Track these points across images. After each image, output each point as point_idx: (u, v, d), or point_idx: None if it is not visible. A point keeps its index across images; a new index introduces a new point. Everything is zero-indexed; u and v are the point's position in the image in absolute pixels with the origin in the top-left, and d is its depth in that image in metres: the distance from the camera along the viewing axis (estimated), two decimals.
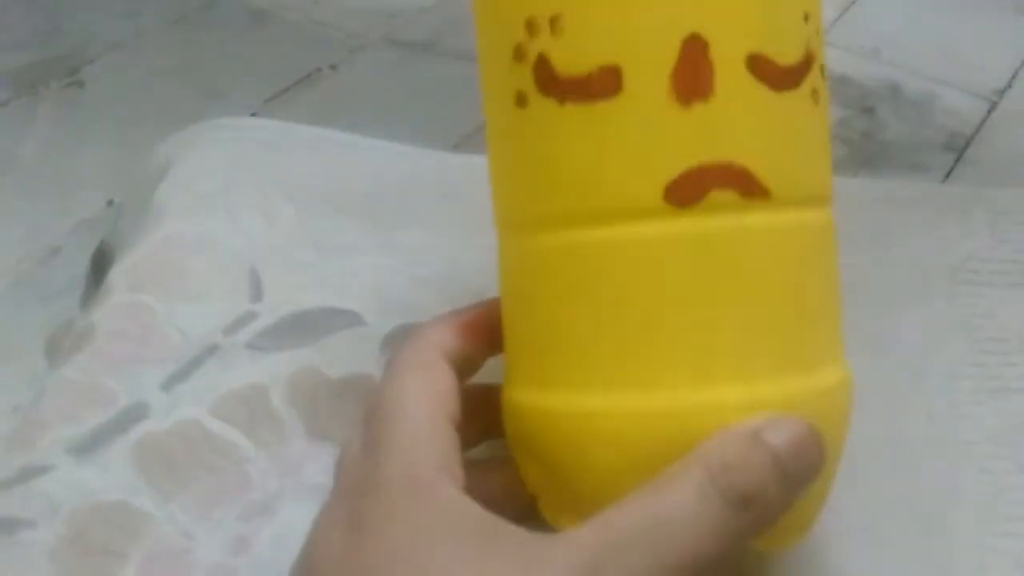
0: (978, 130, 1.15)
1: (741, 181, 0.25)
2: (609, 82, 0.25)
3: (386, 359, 0.37)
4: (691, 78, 0.25)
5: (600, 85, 0.25)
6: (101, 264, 0.48)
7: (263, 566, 0.33)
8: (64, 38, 1.39)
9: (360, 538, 0.25)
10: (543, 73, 0.26)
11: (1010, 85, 1.22)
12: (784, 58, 0.26)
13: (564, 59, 0.26)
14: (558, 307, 0.27)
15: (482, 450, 0.31)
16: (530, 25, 0.26)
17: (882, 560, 0.32)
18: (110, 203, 1.11)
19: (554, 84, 0.26)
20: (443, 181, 0.44)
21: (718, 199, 0.25)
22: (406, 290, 0.40)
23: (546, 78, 0.26)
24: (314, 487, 0.34)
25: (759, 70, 0.25)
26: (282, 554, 0.32)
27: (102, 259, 0.48)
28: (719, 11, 0.25)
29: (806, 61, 0.27)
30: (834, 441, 0.27)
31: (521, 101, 0.26)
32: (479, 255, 0.39)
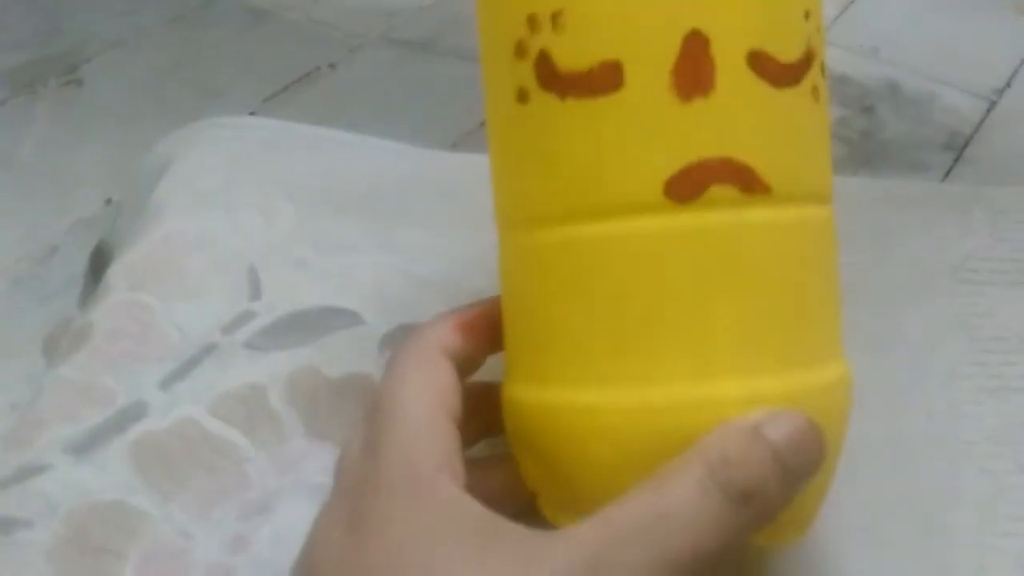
0: (977, 129, 1.15)
1: (741, 177, 0.25)
2: (610, 77, 0.25)
3: (386, 358, 0.37)
4: (692, 74, 0.25)
5: (601, 80, 0.25)
6: (99, 263, 0.48)
7: (262, 565, 0.32)
8: (62, 37, 1.39)
9: (361, 537, 0.25)
10: (544, 69, 0.26)
11: (1009, 84, 1.22)
12: (785, 55, 0.26)
13: (565, 55, 0.26)
14: (558, 302, 0.27)
15: (482, 448, 0.31)
16: (532, 21, 0.26)
17: (882, 560, 0.32)
18: (108, 202, 1.11)
19: (555, 80, 0.26)
20: (442, 180, 0.44)
21: (718, 194, 0.25)
22: (405, 289, 0.39)
23: (547, 74, 0.26)
24: (313, 486, 0.34)
25: (760, 67, 0.25)
26: (281, 553, 0.32)
27: (100, 258, 0.48)
28: (720, 8, 0.25)
29: (806, 58, 0.27)
30: (834, 437, 0.27)
31: (522, 97, 0.27)
32: (478, 254, 0.39)
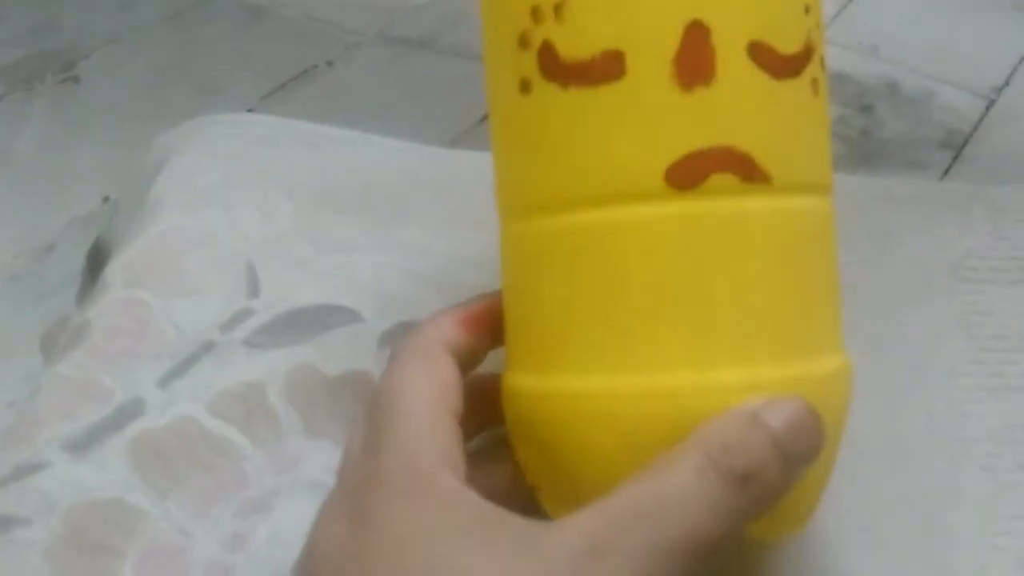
0: (976, 128, 1.15)
1: (741, 165, 0.25)
2: (612, 66, 0.25)
3: (384, 356, 0.37)
4: (693, 63, 0.25)
5: (603, 69, 0.25)
6: (97, 260, 0.48)
7: (260, 563, 0.32)
8: (59, 33, 1.39)
9: (362, 530, 0.25)
10: (547, 59, 0.26)
11: (1008, 83, 1.22)
12: (785, 47, 0.26)
13: (568, 45, 0.26)
14: (557, 290, 0.27)
15: (481, 441, 0.31)
16: (535, 12, 0.26)
17: (882, 560, 0.32)
18: (106, 199, 1.11)
19: (558, 69, 0.26)
20: (440, 177, 0.44)
21: (718, 183, 0.25)
22: (403, 286, 0.39)
23: (550, 64, 0.26)
24: (311, 484, 0.34)
25: (760, 57, 0.26)
26: (279, 551, 0.32)
27: (98, 255, 0.48)
28: None
29: (806, 51, 0.27)
30: (834, 427, 0.27)
31: (525, 87, 0.27)
32: (477, 251, 0.39)
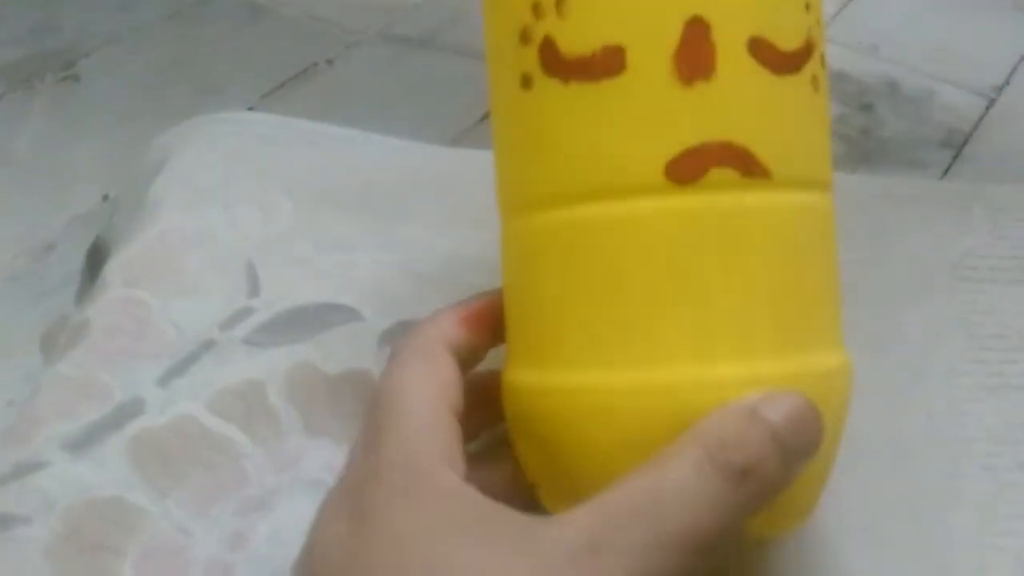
0: (976, 127, 1.15)
1: (741, 160, 0.26)
2: (613, 61, 0.26)
3: (384, 354, 0.37)
4: (693, 58, 0.25)
5: (604, 64, 0.26)
6: (97, 259, 0.48)
7: (260, 561, 0.32)
8: (59, 32, 1.39)
9: (362, 528, 0.25)
10: (548, 54, 0.26)
11: (1008, 82, 1.22)
12: (785, 43, 0.26)
13: (569, 40, 0.26)
14: (557, 285, 0.27)
15: (483, 447, 0.31)
16: (536, 8, 0.26)
17: (882, 559, 0.32)
18: (105, 198, 1.11)
19: (559, 65, 0.26)
20: (441, 176, 0.44)
21: (718, 177, 0.25)
22: (404, 285, 0.39)
23: (551, 59, 0.26)
24: (311, 483, 0.34)
25: (760, 53, 0.26)
26: (279, 549, 0.32)
27: (97, 254, 0.48)
28: None
29: (806, 48, 0.27)
30: (834, 423, 0.27)
31: (526, 83, 0.27)
32: (477, 250, 0.39)
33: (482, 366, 0.31)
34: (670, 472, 0.24)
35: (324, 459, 0.35)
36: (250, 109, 1.22)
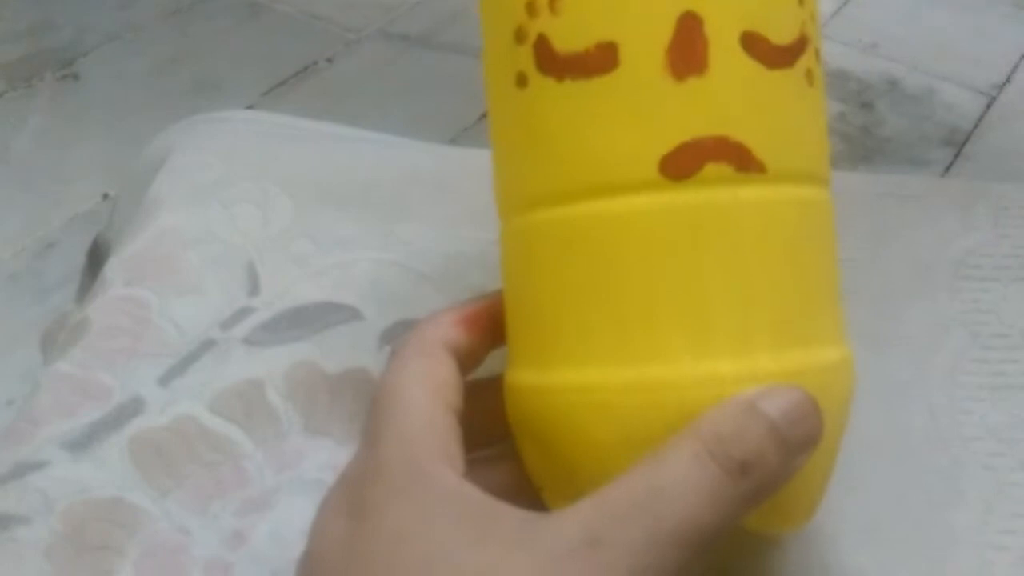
0: (977, 125, 1.15)
1: (736, 155, 0.26)
2: (606, 58, 0.26)
3: (384, 354, 0.37)
4: (686, 53, 0.25)
5: (597, 61, 0.26)
6: (97, 258, 0.48)
7: (260, 561, 0.32)
8: (59, 31, 1.39)
9: (361, 525, 0.25)
10: (543, 52, 0.26)
11: (1009, 80, 1.22)
12: (778, 37, 0.26)
13: (563, 37, 0.26)
14: (555, 283, 0.27)
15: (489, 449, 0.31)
16: (530, 7, 0.26)
17: (882, 558, 0.32)
18: (106, 196, 1.11)
19: (553, 62, 0.26)
20: (441, 175, 0.44)
21: (713, 172, 0.25)
22: (404, 285, 0.39)
23: (545, 57, 0.26)
24: (311, 482, 0.34)
25: (753, 48, 0.26)
26: (279, 549, 0.32)
27: (98, 253, 0.48)
28: None
29: (800, 42, 0.27)
30: (835, 418, 0.27)
31: (521, 81, 0.27)
32: (477, 249, 0.39)
33: (485, 370, 0.31)
34: (669, 467, 0.24)
35: (324, 459, 0.35)
36: (250, 107, 1.21)
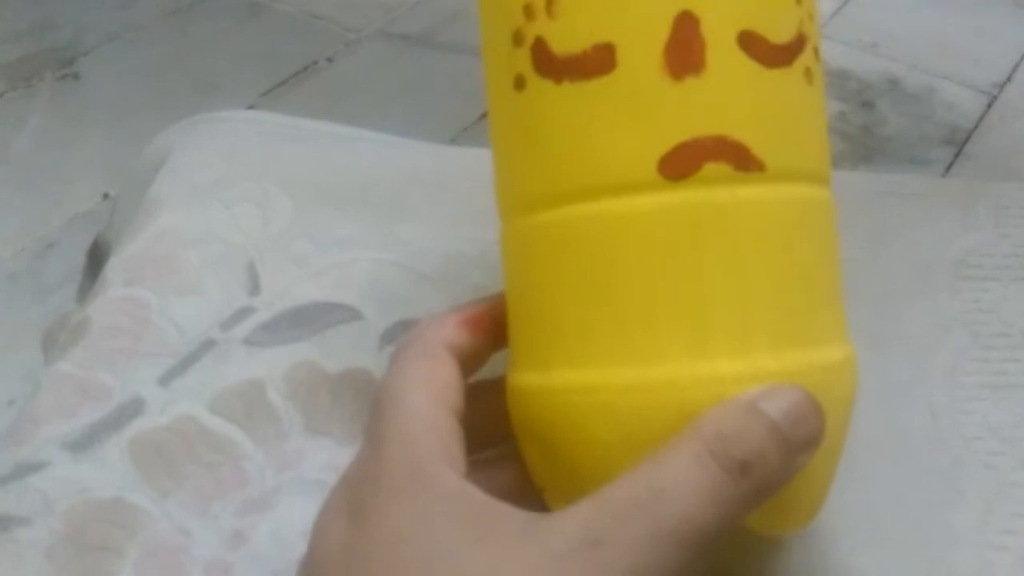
0: (978, 124, 1.15)
1: (735, 154, 0.25)
2: (603, 59, 0.26)
3: (385, 354, 0.37)
4: (683, 53, 0.25)
5: (595, 62, 0.26)
6: (97, 258, 0.48)
7: (260, 561, 0.32)
8: (59, 30, 1.39)
9: (362, 526, 0.25)
10: (540, 55, 0.26)
11: (1010, 79, 1.22)
12: (776, 36, 0.26)
13: (560, 40, 0.26)
14: (556, 285, 0.27)
15: (491, 451, 0.31)
16: (528, 10, 0.27)
17: (883, 558, 0.32)
18: (106, 196, 1.11)
19: (551, 65, 0.26)
20: (441, 175, 0.44)
21: (712, 172, 0.25)
22: (404, 284, 0.39)
23: (543, 59, 0.26)
24: (311, 482, 0.34)
25: (751, 47, 0.26)
26: (279, 549, 0.32)
27: (98, 252, 0.48)
28: None
29: (798, 41, 0.27)
30: (837, 418, 0.27)
31: (520, 84, 0.27)
32: (477, 249, 0.39)
33: (488, 371, 0.31)
34: (670, 466, 0.24)
35: (324, 459, 0.35)
36: (250, 107, 1.21)
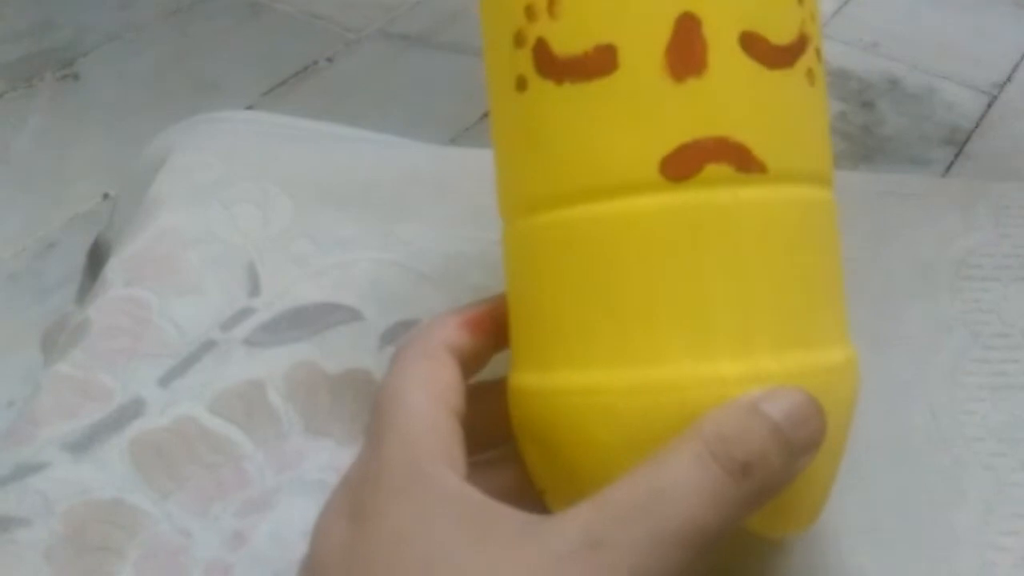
0: (978, 124, 1.15)
1: (736, 155, 0.25)
2: (605, 60, 0.26)
3: (385, 354, 0.37)
4: (684, 54, 0.25)
5: (596, 63, 0.26)
6: (97, 258, 0.48)
7: (260, 561, 0.32)
8: (59, 30, 1.39)
9: (362, 527, 0.25)
10: (542, 56, 0.26)
11: (1010, 79, 1.22)
12: (778, 37, 0.26)
13: (561, 41, 0.26)
14: (557, 286, 0.27)
15: (492, 453, 0.31)
16: (529, 11, 0.26)
17: (883, 559, 0.32)
18: (106, 196, 1.11)
19: (552, 66, 0.26)
20: (441, 175, 0.44)
21: (714, 173, 0.25)
22: (404, 285, 0.39)
23: (545, 60, 0.26)
24: (312, 483, 0.34)
25: (752, 48, 0.26)
26: (280, 550, 0.32)
27: (98, 253, 0.48)
28: None
29: (800, 42, 0.27)
30: (838, 419, 0.27)
31: (521, 85, 0.27)
32: (477, 249, 0.39)
33: (489, 372, 0.31)
34: (671, 468, 0.24)
35: (324, 459, 0.35)
36: (250, 107, 1.22)
